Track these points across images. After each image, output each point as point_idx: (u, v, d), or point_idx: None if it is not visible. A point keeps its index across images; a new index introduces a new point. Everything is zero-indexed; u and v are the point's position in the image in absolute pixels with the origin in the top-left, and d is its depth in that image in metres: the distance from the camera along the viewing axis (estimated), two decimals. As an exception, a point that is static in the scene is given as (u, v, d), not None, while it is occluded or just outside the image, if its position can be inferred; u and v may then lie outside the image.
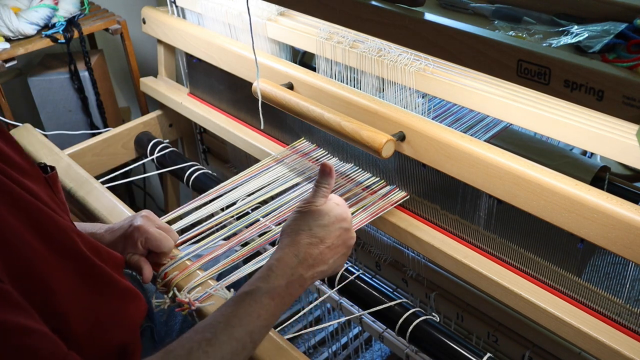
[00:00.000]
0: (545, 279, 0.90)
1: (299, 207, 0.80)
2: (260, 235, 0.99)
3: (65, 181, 1.17)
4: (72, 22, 1.49)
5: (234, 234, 1.00)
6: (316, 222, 0.78)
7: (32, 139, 1.31)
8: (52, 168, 0.80)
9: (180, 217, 1.05)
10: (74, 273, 0.70)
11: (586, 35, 0.61)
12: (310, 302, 1.33)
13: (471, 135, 0.96)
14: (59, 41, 1.46)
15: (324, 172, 0.82)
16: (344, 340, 1.54)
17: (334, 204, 0.81)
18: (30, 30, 1.45)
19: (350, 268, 0.98)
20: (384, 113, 0.99)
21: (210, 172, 1.30)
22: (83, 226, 0.96)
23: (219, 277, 0.92)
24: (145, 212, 0.96)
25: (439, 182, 0.98)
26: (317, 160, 1.17)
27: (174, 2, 1.44)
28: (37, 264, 0.64)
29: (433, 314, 0.91)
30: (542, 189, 0.81)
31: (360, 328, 1.35)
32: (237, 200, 1.08)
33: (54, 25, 1.48)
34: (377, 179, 1.10)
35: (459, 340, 0.87)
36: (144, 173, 1.67)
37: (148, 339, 0.95)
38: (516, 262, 0.93)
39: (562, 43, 0.62)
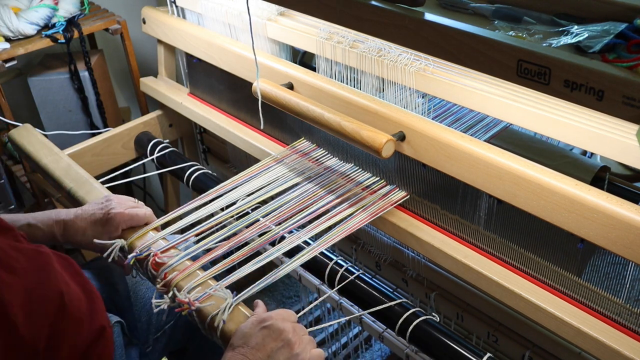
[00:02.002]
0: (545, 279, 0.90)
1: None
2: (260, 235, 0.99)
3: (66, 181, 1.17)
4: (72, 22, 1.49)
5: (234, 234, 1.00)
6: (236, 334, 0.80)
7: (32, 139, 1.31)
8: None
9: (180, 217, 1.05)
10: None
11: (586, 35, 0.61)
12: (310, 302, 1.33)
13: (471, 135, 0.96)
14: (59, 41, 1.46)
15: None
16: (344, 340, 1.54)
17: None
18: (30, 30, 1.45)
19: (350, 268, 0.98)
20: (384, 113, 0.99)
21: (210, 172, 1.30)
22: (48, 214, 1.00)
23: (219, 277, 0.92)
24: (113, 197, 1.03)
25: (439, 182, 0.98)
26: (317, 160, 1.17)
27: (174, 2, 1.43)
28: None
29: (433, 314, 0.91)
30: (542, 189, 0.81)
31: (360, 328, 1.35)
32: (237, 200, 1.07)
33: (54, 25, 1.48)
34: (377, 178, 1.10)
35: (459, 340, 0.87)
36: (144, 173, 1.67)
37: (117, 335, 0.98)
38: (516, 262, 0.93)
39: (562, 43, 0.62)
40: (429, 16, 0.70)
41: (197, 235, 1.00)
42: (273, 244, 0.99)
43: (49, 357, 0.74)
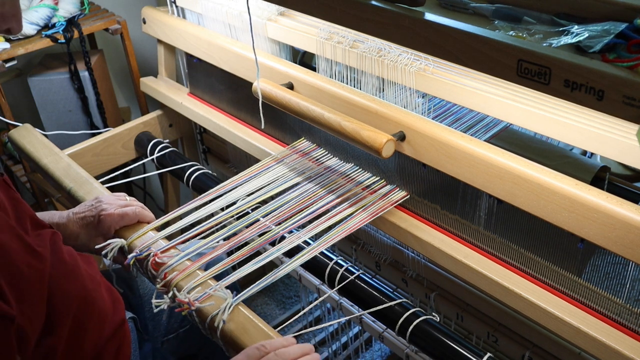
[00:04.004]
0: (545, 279, 0.90)
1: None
2: (260, 235, 0.99)
3: (66, 181, 1.17)
4: (72, 22, 1.49)
5: (234, 234, 1.00)
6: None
7: (32, 139, 1.31)
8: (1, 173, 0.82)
9: (180, 217, 1.05)
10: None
11: (586, 35, 0.61)
12: (310, 302, 1.33)
13: (471, 135, 0.96)
14: (59, 41, 1.46)
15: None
16: (344, 340, 1.54)
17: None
18: (30, 30, 1.45)
19: (350, 268, 0.98)
20: (384, 113, 0.99)
21: (210, 172, 1.30)
22: (42, 216, 1.00)
23: (219, 277, 0.93)
24: (104, 197, 1.03)
25: (439, 182, 0.98)
26: (317, 160, 1.17)
27: (174, 2, 1.43)
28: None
29: (433, 314, 0.91)
30: (542, 189, 0.81)
31: (360, 328, 1.35)
32: (237, 200, 1.08)
33: (54, 25, 1.48)
34: (377, 178, 1.10)
35: (459, 340, 0.87)
36: (144, 173, 1.67)
37: (132, 331, 0.98)
38: (516, 262, 0.93)
39: (562, 43, 0.62)
40: (429, 16, 0.70)
41: (197, 235, 1.00)
42: (273, 243, 0.99)
43: (71, 347, 0.76)
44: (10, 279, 0.69)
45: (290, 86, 1.14)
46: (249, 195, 1.09)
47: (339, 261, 0.99)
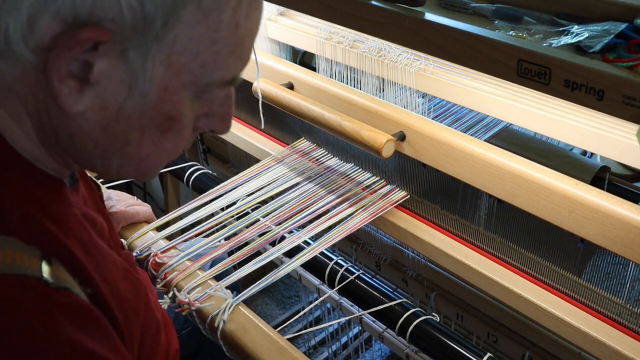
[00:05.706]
0: (545, 279, 0.90)
1: None
2: (260, 235, 0.99)
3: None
4: (72, 22, 1.49)
5: (234, 234, 1.00)
6: None
7: (32, 139, 1.31)
8: (98, 185, 0.80)
9: (180, 217, 1.05)
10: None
11: (586, 35, 0.61)
12: (310, 302, 1.33)
13: (471, 135, 0.96)
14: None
15: None
16: (344, 340, 1.54)
17: None
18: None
19: (350, 268, 0.98)
20: (384, 113, 0.99)
21: (210, 172, 1.29)
22: None
23: (219, 277, 0.93)
24: (113, 194, 1.03)
25: (439, 182, 0.98)
26: (317, 160, 1.17)
27: (174, 2, 1.43)
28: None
29: (433, 314, 0.91)
30: (542, 189, 0.81)
31: (360, 328, 1.35)
32: (237, 200, 1.08)
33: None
34: (377, 178, 1.10)
35: (459, 340, 0.87)
36: (144, 173, 1.67)
37: None
38: (516, 262, 0.93)
39: (562, 43, 0.62)
40: (429, 16, 0.70)
41: (197, 235, 1.00)
42: (273, 244, 0.99)
43: None
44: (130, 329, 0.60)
45: (290, 86, 1.14)
46: (249, 195, 1.09)
47: (339, 261, 0.99)
